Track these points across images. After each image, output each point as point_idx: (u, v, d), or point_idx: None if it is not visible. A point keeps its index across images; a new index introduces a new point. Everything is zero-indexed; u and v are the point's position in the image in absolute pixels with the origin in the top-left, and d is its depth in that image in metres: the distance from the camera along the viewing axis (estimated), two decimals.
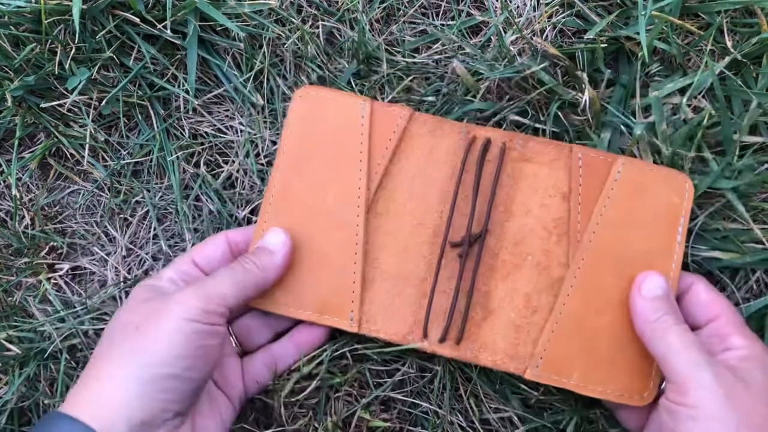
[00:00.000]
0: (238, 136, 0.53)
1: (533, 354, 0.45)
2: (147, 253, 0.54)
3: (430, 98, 0.51)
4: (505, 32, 0.50)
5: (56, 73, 0.51)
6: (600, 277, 0.45)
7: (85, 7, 0.49)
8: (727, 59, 0.47)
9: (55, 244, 0.55)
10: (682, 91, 0.48)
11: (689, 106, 0.48)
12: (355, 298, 0.46)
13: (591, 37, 0.48)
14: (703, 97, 0.47)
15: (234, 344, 0.48)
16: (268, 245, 0.46)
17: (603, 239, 0.45)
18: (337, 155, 0.48)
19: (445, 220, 0.47)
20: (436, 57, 0.52)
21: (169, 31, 0.50)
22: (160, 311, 0.40)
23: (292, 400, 0.48)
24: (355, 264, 0.47)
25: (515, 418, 0.48)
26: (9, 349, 0.51)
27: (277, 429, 0.48)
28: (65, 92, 0.52)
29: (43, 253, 0.54)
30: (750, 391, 0.37)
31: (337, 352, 0.49)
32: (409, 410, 0.49)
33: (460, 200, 0.47)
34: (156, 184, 0.54)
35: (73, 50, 0.51)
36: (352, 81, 0.52)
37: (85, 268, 0.55)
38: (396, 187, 0.48)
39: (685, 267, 0.46)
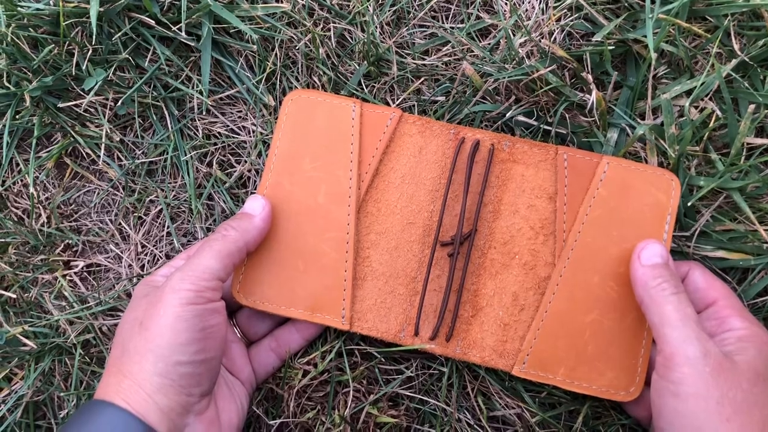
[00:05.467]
0: (250, 137, 0.54)
1: (520, 351, 0.46)
2: (160, 251, 0.55)
3: (440, 98, 0.51)
4: (514, 35, 0.50)
5: (73, 74, 0.52)
6: (585, 275, 0.46)
7: (102, 9, 0.50)
8: (734, 62, 0.47)
9: (71, 241, 0.56)
10: (689, 93, 0.48)
11: (696, 107, 0.48)
12: (346, 296, 0.47)
13: (599, 39, 0.49)
14: (710, 99, 0.48)
15: (238, 334, 0.49)
16: (248, 210, 0.47)
17: (588, 239, 0.46)
18: (328, 156, 0.49)
19: (435, 219, 0.48)
20: (446, 59, 0.52)
21: (183, 34, 0.51)
22: (156, 304, 0.41)
23: (302, 392, 0.49)
24: (346, 262, 0.48)
25: (526, 413, 0.48)
26: (25, 344, 0.52)
27: (287, 420, 0.49)
28: (82, 93, 0.54)
29: (58, 251, 0.55)
30: (736, 369, 0.38)
31: (347, 348, 0.50)
32: (417, 407, 0.50)
33: (450, 200, 0.48)
34: (170, 183, 0.55)
35: (90, 52, 0.52)
36: (362, 82, 0.53)
37: (100, 266, 0.56)
38: (386, 187, 0.49)
39: None
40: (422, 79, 0.52)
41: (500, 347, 0.47)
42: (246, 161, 0.53)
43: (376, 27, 0.53)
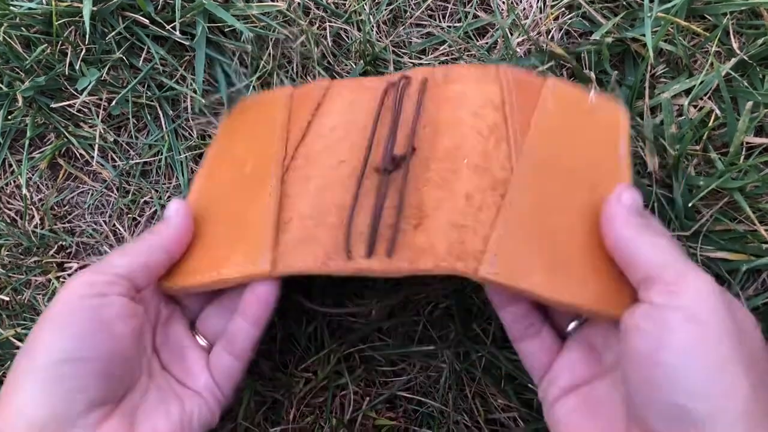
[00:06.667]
0: None
1: (485, 251, 0.37)
2: None
3: None
4: (512, 34, 0.50)
5: (66, 73, 0.52)
6: (549, 182, 0.40)
7: (95, 8, 0.50)
8: (734, 60, 0.47)
9: (64, 243, 0.55)
10: (688, 92, 0.48)
11: (695, 107, 0.48)
12: (268, 241, 0.41)
13: (597, 38, 0.48)
14: (709, 98, 0.48)
15: (201, 341, 0.44)
16: (166, 213, 0.43)
17: (544, 147, 0.41)
18: (257, 134, 0.47)
19: (367, 146, 0.43)
20: (443, 59, 0.52)
21: (177, 33, 0.51)
22: (50, 305, 0.37)
23: (300, 399, 0.49)
24: (269, 212, 0.42)
25: (525, 415, 0.48)
26: (18, 347, 0.52)
27: (286, 427, 0.48)
28: (75, 93, 0.53)
29: (52, 252, 0.55)
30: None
31: (345, 353, 0.49)
32: (416, 409, 0.49)
33: (380, 128, 0.43)
34: (164, 184, 0.54)
35: (84, 51, 0.51)
36: None
37: None
38: (315, 140, 0.45)
39: None
40: None
41: (457, 249, 0.37)
42: None
43: (373, 26, 0.52)
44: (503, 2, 0.52)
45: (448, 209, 0.39)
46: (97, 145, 0.54)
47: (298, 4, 0.52)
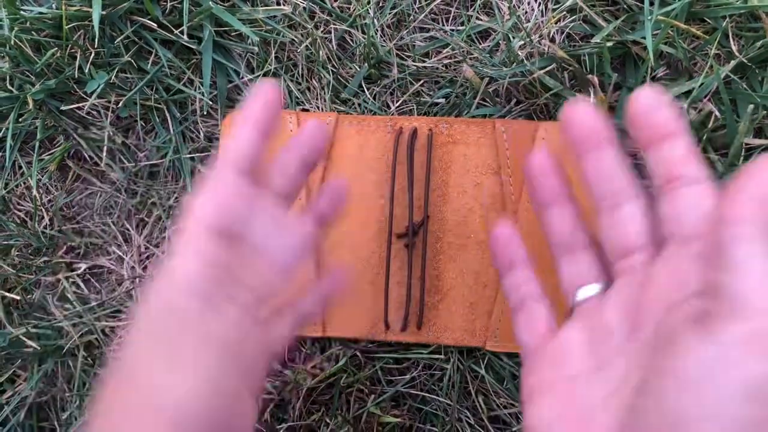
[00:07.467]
0: None
1: (488, 326, 0.47)
2: (162, 253, 0.55)
3: (440, 101, 0.52)
4: (513, 38, 0.51)
5: (76, 77, 0.53)
6: (540, 243, 0.43)
7: (104, 13, 0.51)
8: (733, 63, 0.47)
9: (73, 243, 0.56)
10: (688, 94, 0.49)
11: (695, 108, 0.48)
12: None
13: (598, 41, 0.49)
14: (709, 100, 0.48)
15: None
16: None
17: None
18: None
19: (387, 214, 0.49)
20: (446, 61, 0.53)
21: (185, 36, 0.52)
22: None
23: (306, 396, 0.49)
24: (311, 272, 0.48)
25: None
26: (28, 346, 0.53)
27: (293, 424, 0.49)
28: (84, 96, 0.54)
29: (61, 253, 0.56)
30: None
31: (351, 350, 0.50)
32: (420, 406, 0.50)
33: (397, 192, 0.49)
34: (171, 185, 0.55)
35: (93, 55, 0.52)
36: (363, 84, 0.53)
37: (102, 267, 0.56)
38: None
39: None
40: (422, 81, 0.52)
41: (470, 326, 0.48)
42: None
43: (377, 29, 0.53)
44: (505, 6, 0.52)
45: (461, 286, 0.48)
46: (105, 147, 0.55)
47: (304, 7, 0.53)
